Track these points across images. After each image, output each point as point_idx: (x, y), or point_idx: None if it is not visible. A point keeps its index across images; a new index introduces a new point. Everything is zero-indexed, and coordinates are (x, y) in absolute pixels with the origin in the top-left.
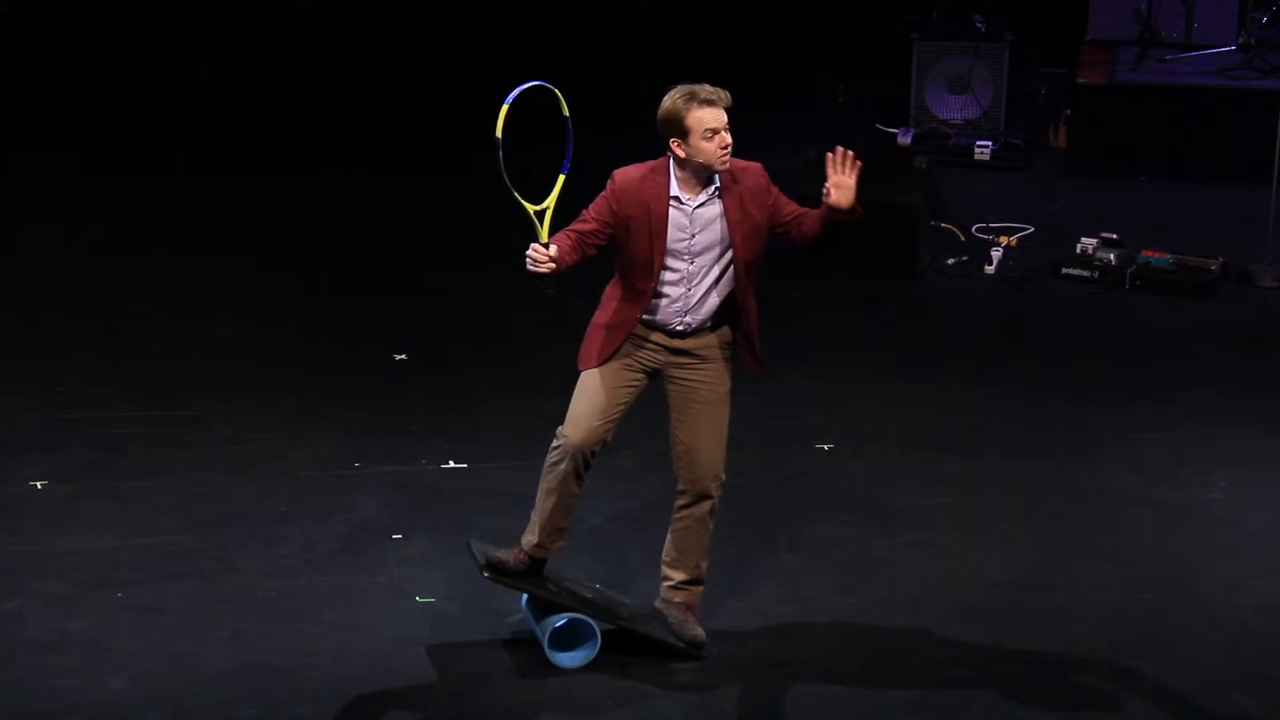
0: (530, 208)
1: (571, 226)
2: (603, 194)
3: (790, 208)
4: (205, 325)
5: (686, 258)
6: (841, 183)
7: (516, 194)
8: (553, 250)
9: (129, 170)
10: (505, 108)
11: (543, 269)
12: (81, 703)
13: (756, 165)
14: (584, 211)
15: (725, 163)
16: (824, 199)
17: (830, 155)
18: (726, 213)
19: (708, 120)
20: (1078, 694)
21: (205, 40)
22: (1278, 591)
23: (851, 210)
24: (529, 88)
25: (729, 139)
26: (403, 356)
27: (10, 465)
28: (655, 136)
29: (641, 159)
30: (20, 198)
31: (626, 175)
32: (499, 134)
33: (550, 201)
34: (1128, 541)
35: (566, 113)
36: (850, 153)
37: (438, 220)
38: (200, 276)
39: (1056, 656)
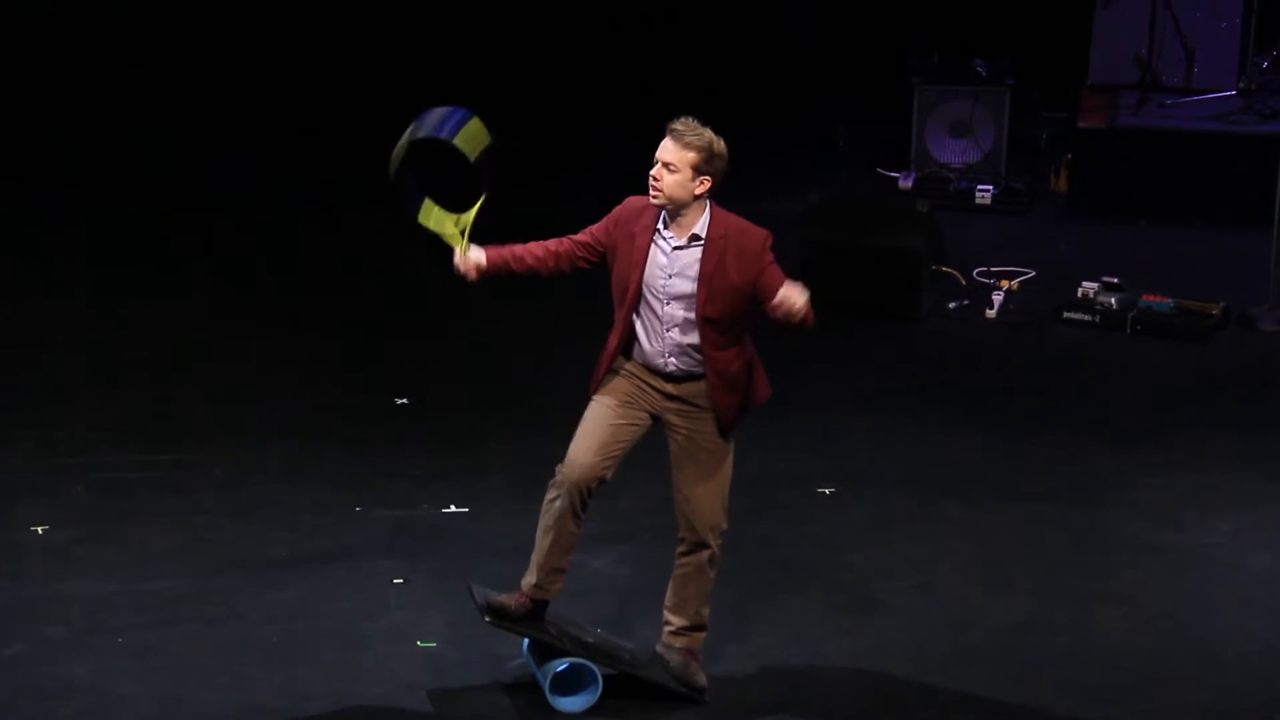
0: (448, 230)
1: (575, 235)
2: (608, 215)
3: (776, 286)
4: (205, 368)
5: (662, 298)
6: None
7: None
8: (476, 259)
9: (128, 211)
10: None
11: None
12: None
13: (762, 232)
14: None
15: (652, 196)
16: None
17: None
18: (701, 263)
19: (661, 147)
20: None
21: (204, 73)
22: None
23: (803, 320)
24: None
25: (658, 175)
26: (404, 400)
27: (11, 510)
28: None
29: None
30: (19, 239)
31: (632, 203)
32: (397, 162)
33: (467, 219)
34: (1130, 585)
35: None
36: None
37: (437, 261)
38: (200, 319)
39: (1058, 700)
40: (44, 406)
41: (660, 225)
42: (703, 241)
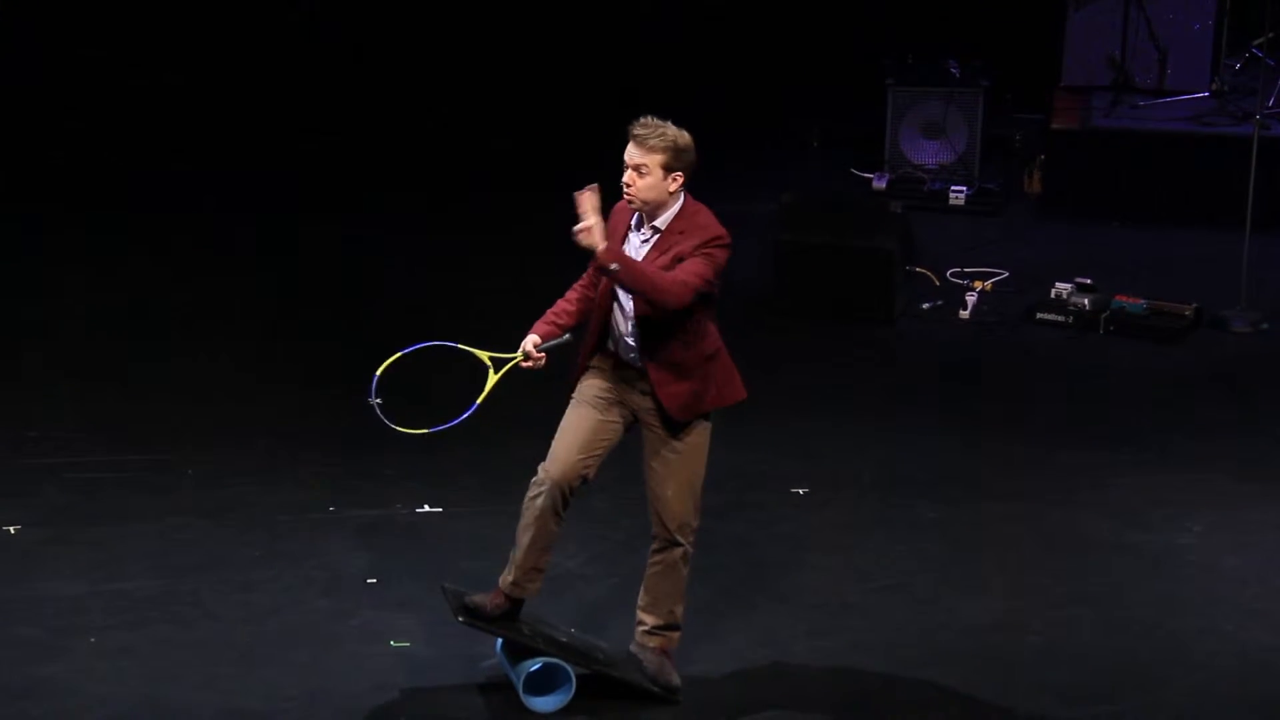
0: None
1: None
2: None
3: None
4: (179, 369)
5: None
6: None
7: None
8: (528, 346)
9: (102, 212)
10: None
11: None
12: None
13: (717, 231)
14: None
15: (628, 201)
16: None
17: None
18: (650, 254)
19: (627, 152)
20: None
21: (183, 80)
22: (1251, 636)
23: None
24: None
25: (630, 180)
26: (378, 400)
27: None
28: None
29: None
30: None
31: (618, 206)
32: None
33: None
34: (1101, 586)
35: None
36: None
37: (412, 262)
38: (174, 319)
39: (1029, 701)
40: (16, 405)
41: (634, 223)
42: (660, 233)
